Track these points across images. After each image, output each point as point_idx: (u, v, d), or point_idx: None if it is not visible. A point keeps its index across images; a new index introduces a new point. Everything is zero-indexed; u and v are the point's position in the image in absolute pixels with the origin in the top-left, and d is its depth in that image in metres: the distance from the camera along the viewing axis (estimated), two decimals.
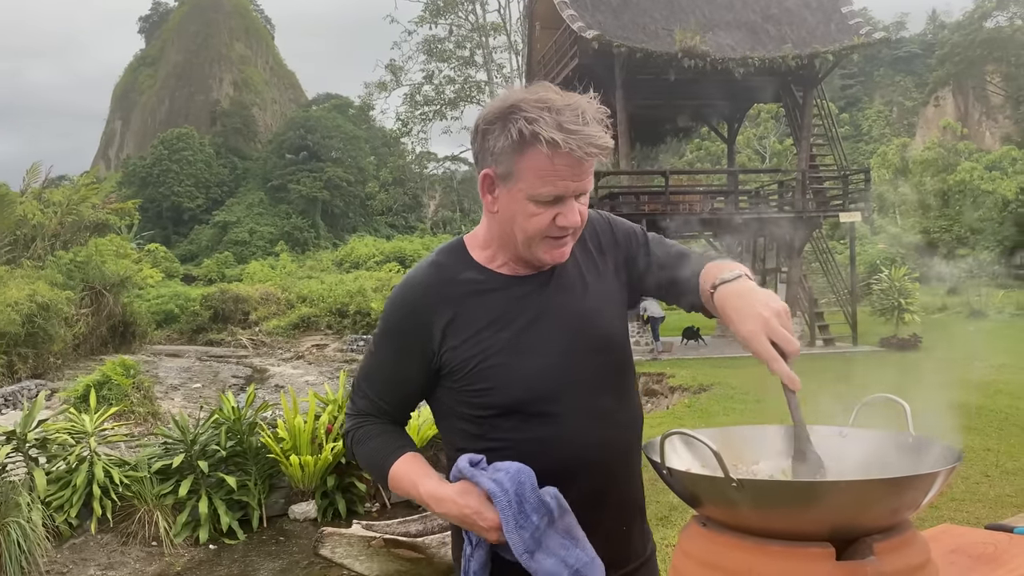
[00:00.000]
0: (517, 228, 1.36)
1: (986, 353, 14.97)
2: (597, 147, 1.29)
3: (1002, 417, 8.64)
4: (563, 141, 1.26)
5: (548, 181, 1.30)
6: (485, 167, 1.37)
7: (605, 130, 1.31)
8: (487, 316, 1.41)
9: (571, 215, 1.34)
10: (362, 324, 28.18)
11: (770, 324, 1.19)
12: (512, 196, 1.35)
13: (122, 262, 25.46)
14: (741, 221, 18.34)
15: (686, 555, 1.06)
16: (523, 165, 1.31)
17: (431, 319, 1.41)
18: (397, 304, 1.46)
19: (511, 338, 1.39)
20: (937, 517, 5.12)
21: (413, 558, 4.49)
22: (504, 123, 1.31)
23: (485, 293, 1.42)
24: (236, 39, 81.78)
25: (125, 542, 6.52)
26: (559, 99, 1.30)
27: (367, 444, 1.48)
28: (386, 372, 1.48)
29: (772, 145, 43.96)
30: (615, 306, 1.51)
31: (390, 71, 44.52)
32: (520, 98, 1.32)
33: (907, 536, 1.00)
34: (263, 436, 7.45)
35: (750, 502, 0.97)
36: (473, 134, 1.39)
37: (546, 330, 1.41)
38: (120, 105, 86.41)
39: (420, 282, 1.46)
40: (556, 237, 1.36)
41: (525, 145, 1.29)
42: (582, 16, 17.59)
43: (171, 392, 16.85)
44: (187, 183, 64.39)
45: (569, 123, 1.27)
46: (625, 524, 1.48)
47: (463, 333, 1.40)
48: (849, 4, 19.35)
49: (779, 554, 0.95)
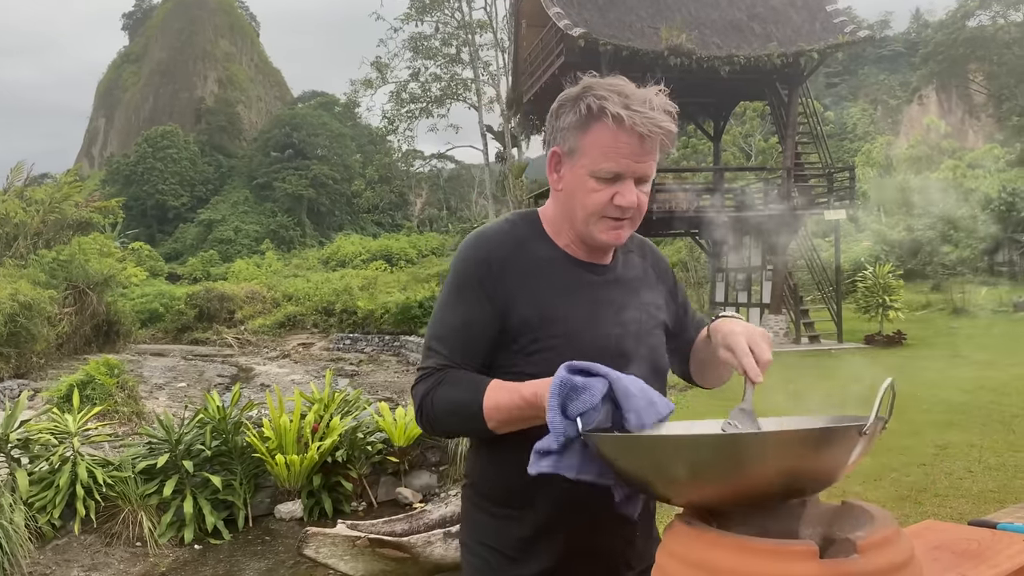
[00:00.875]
0: (578, 204, 1.42)
1: (969, 350, 15.10)
2: (660, 128, 1.35)
3: (985, 413, 8.72)
4: (628, 117, 1.34)
5: (610, 157, 1.37)
6: (554, 146, 1.44)
7: (671, 120, 1.37)
8: (548, 292, 1.45)
9: (629, 195, 1.39)
10: (348, 323, 28.10)
11: (752, 334, 1.35)
12: (575, 172, 1.42)
13: (106, 261, 25.26)
14: (727, 219, 18.41)
15: (670, 553, 1.06)
16: (587, 140, 1.38)
17: (503, 273, 1.44)
18: (471, 252, 1.48)
19: (565, 320, 1.43)
20: (922, 513, 5.16)
21: (398, 557, 4.48)
22: (575, 102, 1.40)
23: (550, 268, 1.47)
24: (221, 36, 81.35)
25: (109, 543, 6.47)
26: (630, 87, 1.39)
27: (451, 389, 1.41)
28: (460, 325, 1.45)
29: (758, 143, 44.12)
30: (662, 316, 1.58)
31: (376, 68, 44.38)
32: (595, 82, 1.42)
33: (890, 534, 1.00)
34: (249, 435, 7.41)
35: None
36: (549, 116, 1.46)
37: (599, 319, 1.46)
38: (103, 103, 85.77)
39: (496, 235, 1.49)
40: (614, 218, 1.42)
41: (591, 120, 1.37)
42: (568, 14, 17.59)
43: (156, 391, 16.73)
44: (172, 181, 64.02)
45: (636, 105, 1.35)
46: (634, 525, 1.48)
47: (522, 302, 1.43)
48: (834, 3, 19.44)
49: (762, 552, 0.95)
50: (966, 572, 1.21)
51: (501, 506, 1.48)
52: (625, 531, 1.47)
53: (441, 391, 1.41)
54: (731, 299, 21.00)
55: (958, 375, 11.74)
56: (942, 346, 16.19)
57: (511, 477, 1.43)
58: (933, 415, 8.62)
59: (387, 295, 28.14)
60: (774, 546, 0.95)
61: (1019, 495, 5.61)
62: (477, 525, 1.52)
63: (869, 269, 18.83)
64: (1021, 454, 6.88)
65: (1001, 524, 1.50)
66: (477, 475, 1.54)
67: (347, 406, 8.28)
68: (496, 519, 1.49)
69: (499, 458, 1.45)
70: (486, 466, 1.51)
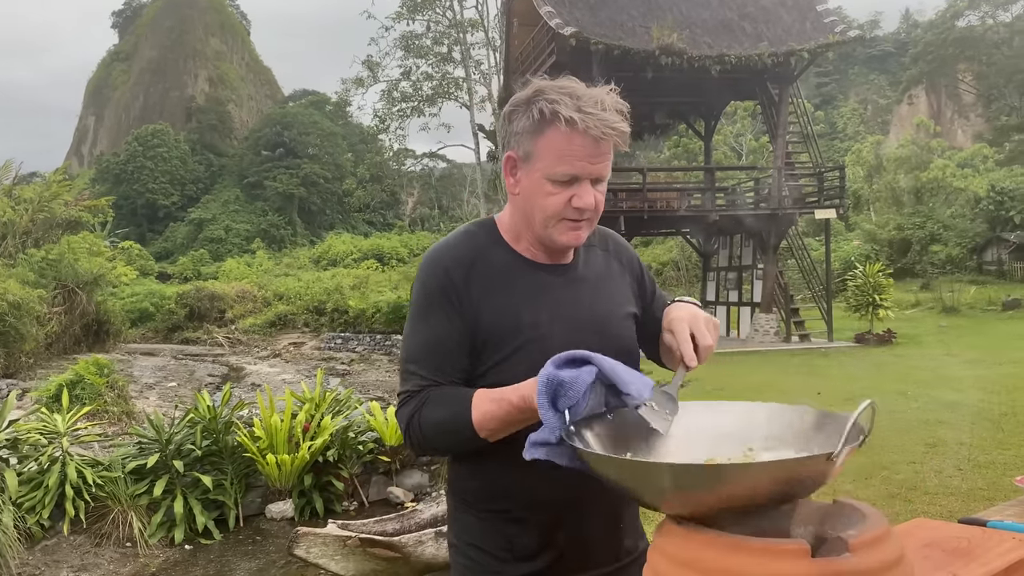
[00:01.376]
0: (536, 208, 1.42)
1: (958, 348, 15.18)
2: (613, 129, 1.36)
3: (974, 411, 8.76)
4: (580, 120, 1.34)
5: (565, 160, 1.37)
6: (509, 150, 1.44)
7: (623, 119, 1.38)
8: (511, 298, 1.45)
9: (586, 197, 1.40)
10: (339, 322, 28.05)
11: (696, 319, 1.40)
12: (531, 177, 1.42)
13: (95, 260, 25.12)
14: (718, 218, 18.46)
15: (661, 553, 1.06)
16: (542, 145, 1.38)
17: (466, 284, 1.44)
18: (432, 268, 1.47)
19: (530, 325, 1.44)
20: (912, 511, 5.18)
21: (389, 557, 4.47)
22: (527, 106, 1.40)
23: (510, 276, 1.47)
24: (211, 35, 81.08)
25: (99, 543, 6.43)
26: (581, 88, 1.39)
27: (436, 408, 1.40)
28: (432, 342, 1.44)
29: (748, 142, 44.24)
30: (629, 310, 1.58)
31: (367, 67, 44.32)
32: (545, 85, 1.41)
33: (881, 532, 1.00)
34: (239, 435, 7.39)
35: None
36: (501, 120, 1.46)
37: (563, 321, 1.46)
38: (93, 101, 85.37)
39: (455, 247, 1.49)
40: (572, 220, 1.42)
41: (545, 124, 1.37)
42: (560, 13, 17.60)
43: (146, 391, 16.66)
44: (162, 180, 63.74)
45: (588, 107, 1.35)
46: (617, 519, 1.50)
47: (487, 310, 1.44)
48: (824, 3, 19.51)
49: (754, 551, 0.95)
50: (956, 570, 1.21)
51: (486, 508, 1.48)
52: (611, 525, 1.47)
53: (426, 412, 1.40)
54: (722, 298, 21.05)
55: (948, 374, 11.80)
56: (932, 345, 16.27)
57: (493, 480, 1.44)
58: (923, 413, 8.65)
59: (378, 294, 28.10)
60: (766, 545, 0.95)
61: (1008, 493, 5.64)
62: (464, 526, 1.52)
63: (859, 268, 18.91)
64: (1010, 452, 6.91)
65: (991, 522, 1.51)
66: (459, 479, 1.53)
67: (338, 405, 8.26)
68: (482, 521, 1.49)
69: (479, 461, 1.45)
70: (467, 470, 1.50)
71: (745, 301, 19.94)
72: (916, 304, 24.73)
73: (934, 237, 32.88)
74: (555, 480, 1.30)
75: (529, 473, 1.29)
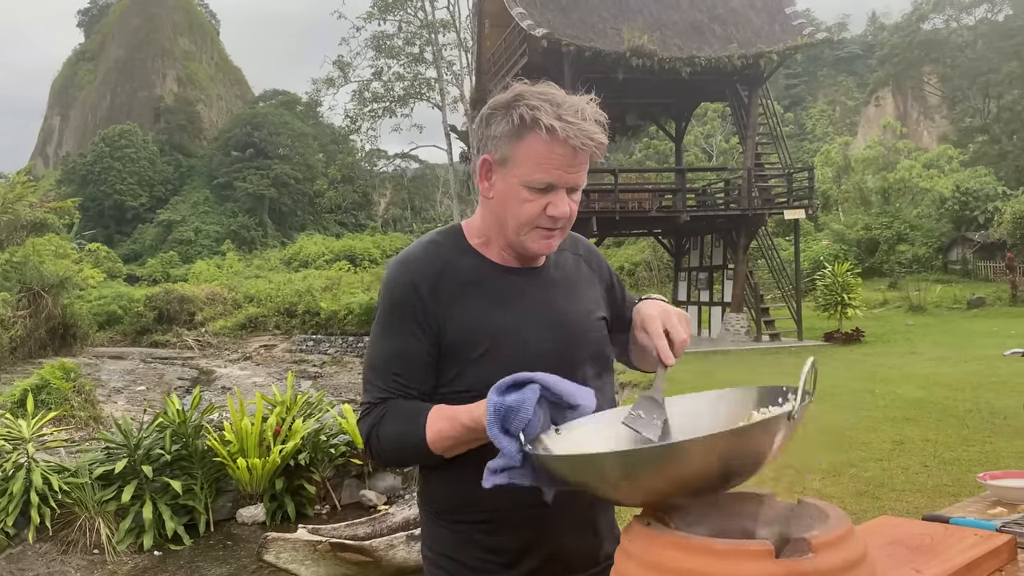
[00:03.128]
0: (510, 214, 1.41)
1: (924, 346, 15.42)
2: (592, 140, 1.35)
3: (940, 408, 8.90)
4: (561, 128, 1.32)
5: (543, 168, 1.36)
6: (485, 153, 1.42)
7: (602, 130, 1.37)
8: (479, 305, 1.43)
9: (561, 206, 1.39)
10: (311, 324, 27.86)
11: (668, 314, 1.40)
12: (507, 182, 1.40)
13: (61, 262, 24.77)
14: (689, 218, 18.58)
15: (627, 555, 1.06)
16: (521, 150, 1.36)
17: (433, 294, 1.42)
18: (397, 277, 1.46)
19: (499, 331, 1.42)
20: (878, 508, 5.25)
21: (360, 561, 4.45)
22: (507, 110, 1.37)
23: (479, 282, 1.45)
24: (180, 34, 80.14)
25: (65, 551, 6.34)
26: (561, 95, 1.37)
27: (394, 422, 1.39)
28: (395, 354, 1.43)
29: (719, 144, 44.64)
30: (601, 314, 1.57)
31: (338, 67, 44.11)
32: (525, 90, 1.38)
33: (844, 532, 1.01)
34: (209, 439, 7.32)
35: None
36: (478, 122, 1.43)
37: (534, 327, 1.44)
38: (58, 100, 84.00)
39: (420, 257, 1.47)
40: (546, 228, 1.41)
41: (525, 130, 1.35)
42: (531, 14, 17.62)
43: (114, 395, 16.45)
44: (130, 181, 62.83)
45: (568, 115, 1.34)
46: (593, 525, 1.48)
47: (454, 320, 1.42)
48: (792, 5, 19.72)
49: (718, 552, 0.95)
50: (920, 567, 1.23)
51: (459, 519, 1.46)
52: (586, 531, 1.47)
53: (385, 426, 1.40)
54: (693, 298, 21.20)
55: (914, 371, 11.98)
56: (899, 343, 16.51)
57: (465, 490, 1.41)
58: (890, 411, 8.77)
59: (350, 296, 27.96)
60: (730, 546, 0.95)
61: (973, 489, 5.74)
62: (437, 537, 1.50)
63: (828, 268, 19.14)
64: (975, 448, 7.03)
65: (954, 519, 1.53)
66: (430, 489, 1.51)
67: (310, 408, 8.21)
68: (456, 532, 1.47)
69: (449, 470, 1.43)
70: (437, 479, 1.48)
71: (716, 301, 20.10)
72: (884, 303, 25.09)
73: (901, 237, 33.37)
74: (528, 488, 1.30)
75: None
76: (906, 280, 28.88)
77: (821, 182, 36.81)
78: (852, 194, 40.06)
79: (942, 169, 40.55)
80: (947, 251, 33.22)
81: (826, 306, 18.34)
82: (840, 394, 9.68)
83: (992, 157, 41.99)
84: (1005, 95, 45.37)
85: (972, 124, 48.46)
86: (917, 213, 35.98)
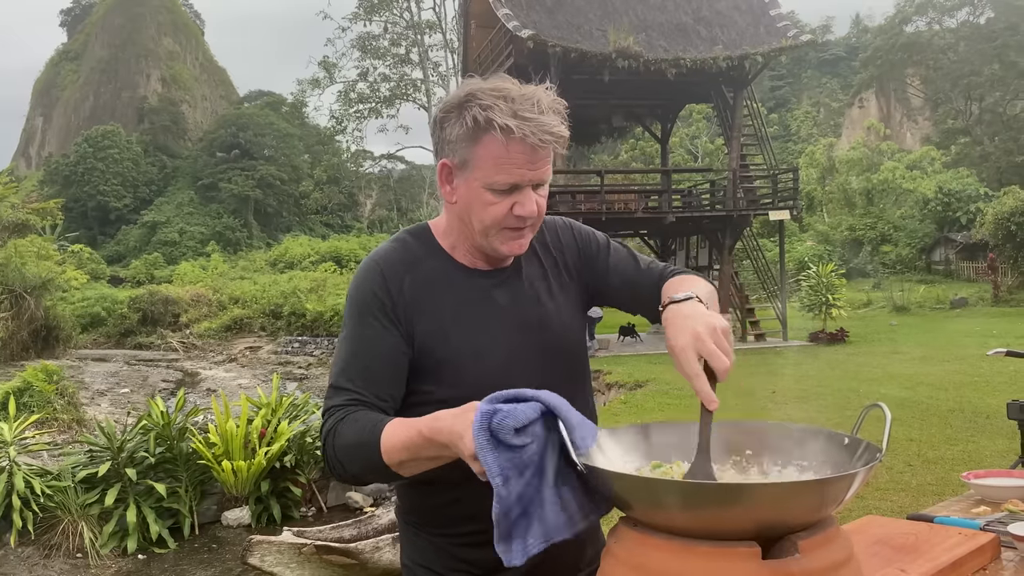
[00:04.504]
0: (475, 218, 1.35)
1: (908, 346, 15.53)
2: (552, 135, 1.28)
3: (923, 408, 8.96)
4: (517, 127, 1.26)
5: (504, 169, 1.30)
6: (443, 157, 1.36)
7: (561, 121, 1.30)
8: (447, 309, 1.39)
9: (528, 204, 1.32)
10: (296, 325, 27.74)
11: (701, 339, 1.14)
12: (469, 186, 1.33)
13: (44, 264, 24.54)
14: (674, 219, 18.64)
15: (614, 557, 1.06)
16: (478, 153, 1.30)
17: (402, 296, 1.38)
18: (367, 277, 1.41)
19: (467, 336, 1.37)
20: (863, 507, 5.28)
21: (346, 564, 4.43)
22: (460, 112, 1.31)
23: (447, 283, 1.41)
24: (164, 34, 79.64)
25: (48, 555, 6.28)
26: (515, 89, 1.31)
27: (351, 430, 1.29)
28: (363, 358, 1.36)
29: (704, 145, 44.80)
30: (573, 310, 1.50)
31: (324, 68, 43.98)
32: (477, 88, 1.32)
33: (830, 533, 1.01)
34: (194, 442, 7.27)
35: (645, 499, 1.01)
36: (432, 125, 1.38)
37: (505, 328, 1.40)
38: (41, 101, 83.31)
39: (389, 258, 1.42)
40: (514, 228, 1.35)
41: (480, 132, 1.29)
42: (517, 15, 17.62)
43: (97, 398, 16.32)
44: (113, 182, 62.39)
45: (524, 111, 1.27)
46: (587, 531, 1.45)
47: (423, 323, 1.37)
48: (777, 7, 19.82)
49: (705, 555, 0.95)
50: (904, 566, 1.24)
51: (438, 534, 1.43)
52: (569, 539, 1.44)
53: (341, 432, 1.29)
54: None
55: (898, 371, 12.06)
56: (883, 343, 16.62)
57: (441, 508, 1.39)
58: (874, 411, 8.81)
59: (336, 297, 27.84)
60: (717, 547, 0.95)
61: (956, 488, 5.78)
62: (416, 548, 1.47)
63: (813, 268, 19.24)
64: (958, 447, 7.09)
65: (938, 518, 1.54)
66: (408, 505, 1.48)
67: (295, 410, 8.17)
68: (435, 544, 1.44)
69: (426, 489, 1.40)
70: (415, 497, 1.45)
71: None
72: (868, 303, 25.26)
73: (885, 238, 33.62)
74: None
75: (478, 490, 1.18)
76: (890, 280, 29.09)
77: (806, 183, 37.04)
78: (836, 195, 40.32)
79: (925, 171, 40.87)
80: (930, 252, 33.49)
81: (811, 306, 18.44)
82: (825, 394, 9.74)
83: (974, 159, 42.38)
84: (987, 97, 45.79)
85: (954, 126, 48.89)
86: (901, 214, 36.25)
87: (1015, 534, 1.38)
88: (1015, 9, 49.49)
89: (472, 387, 1.32)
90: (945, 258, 32.83)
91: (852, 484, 1.01)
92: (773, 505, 0.95)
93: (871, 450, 1.08)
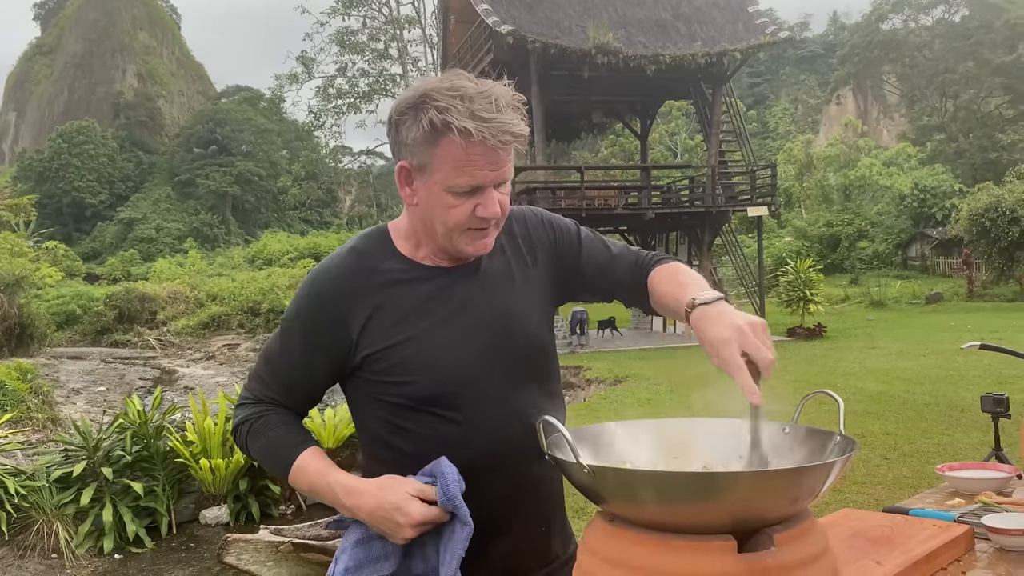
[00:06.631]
0: (437, 221, 1.32)
1: (884, 341, 15.68)
2: (512, 135, 1.25)
3: (899, 402, 9.05)
4: (475, 130, 1.22)
5: (464, 172, 1.26)
6: (401, 159, 1.33)
7: (520, 117, 1.27)
8: (409, 307, 1.35)
9: (491, 206, 1.29)
10: (275, 322, 27.54)
11: (744, 333, 1.15)
12: (429, 188, 1.30)
13: (17, 261, 24.26)
14: (654, 216, 18.71)
15: (591, 552, 1.06)
16: (437, 156, 1.26)
17: (348, 310, 1.34)
18: (312, 292, 1.38)
19: (432, 331, 1.35)
20: (840, 500, 5.33)
21: (323, 562, 4.40)
22: (416, 113, 1.26)
23: (408, 284, 1.37)
24: (140, 28, 78.84)
25: (22, 555, 6.21)
26: (472, 87, 1.26)
27: (266, 434, 1.38)
28: (292, 362, 1.39)
29: (683, 141, 44.95)
30: (542, 303, 1.48)
31: (302, 63, 43.71)
32: (432, 87, 1.27)
33: (806, 526, 1.02)
34: (171, 440, 7.21)
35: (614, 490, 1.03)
36: (387, 126, 1.34)
37: (469, 325, 1.37)
38: (14, 96, 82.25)
39: (338, 269, 1.39)
40: (478, 228, 1.32)
41: (438, 135, 1.24)
42: (496, 11, 17.60)
43: (73, 396, 16.14)
44: (89, 178, 61.70)
45: (482, 111, 1.23)
46: (544, 524, 1.44)
47: (383, 324, 1.34)
48: (755, 4, 19.93)
49: (682, 548, 0.95)
50: (880, 558, 1.24)
51: None
52: (539, 531, 1.43)
53: (257, 434, 1.40)
54: None
55: (874, 366, 12.17)
56: (860, 338, 16.77)
57: None
58: (851, 405, 8.88)
59: None
60: (693, 541, 0.95)
61: (932, 480, 5.85)
62: None
63: (791, 264, 19.37)
64: (933, 440, 7.17)
65: (913, 510, 1.55)
66: None
67: None
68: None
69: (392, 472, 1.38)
70: None
71: None
72: (845, 299, 25.47)
73: (862, 234, 33.90)
74: (480, 490, 1.27)
75: (462, 472, 1.25)
76: (867, 276, 29.37)
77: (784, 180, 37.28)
78: (814, 191, 40.62)
79: (901, 167, 41.26)
80: (906, 247, 33.84)
81: (789, 302, 18.57)
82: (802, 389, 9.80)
83: (949, 155, 42.82)
84: (961, 94, 46.27)
85: (930, 123, 49.36)
86: (877, 210, 36.59)
87: (989, 526, 1.39)
88: (989, 7, 50.08)
89: (441, 379, 1.33)
90: (921, 254, 33.19)
91: (829, 475, 1.01)
92: (749, 495, 0.95)
93: (847, 442, 1.08)
